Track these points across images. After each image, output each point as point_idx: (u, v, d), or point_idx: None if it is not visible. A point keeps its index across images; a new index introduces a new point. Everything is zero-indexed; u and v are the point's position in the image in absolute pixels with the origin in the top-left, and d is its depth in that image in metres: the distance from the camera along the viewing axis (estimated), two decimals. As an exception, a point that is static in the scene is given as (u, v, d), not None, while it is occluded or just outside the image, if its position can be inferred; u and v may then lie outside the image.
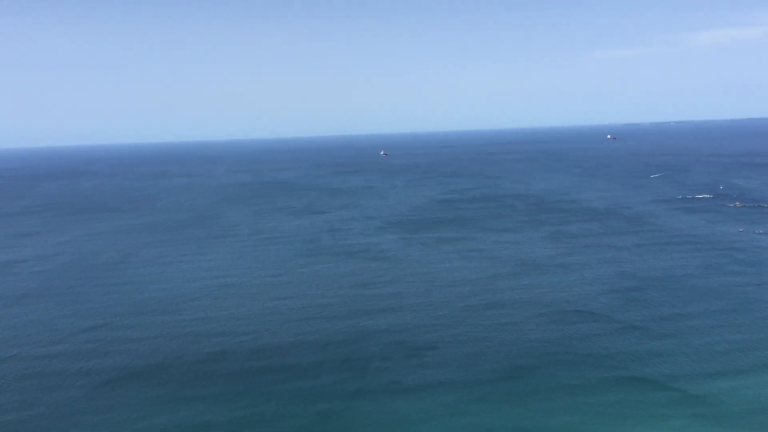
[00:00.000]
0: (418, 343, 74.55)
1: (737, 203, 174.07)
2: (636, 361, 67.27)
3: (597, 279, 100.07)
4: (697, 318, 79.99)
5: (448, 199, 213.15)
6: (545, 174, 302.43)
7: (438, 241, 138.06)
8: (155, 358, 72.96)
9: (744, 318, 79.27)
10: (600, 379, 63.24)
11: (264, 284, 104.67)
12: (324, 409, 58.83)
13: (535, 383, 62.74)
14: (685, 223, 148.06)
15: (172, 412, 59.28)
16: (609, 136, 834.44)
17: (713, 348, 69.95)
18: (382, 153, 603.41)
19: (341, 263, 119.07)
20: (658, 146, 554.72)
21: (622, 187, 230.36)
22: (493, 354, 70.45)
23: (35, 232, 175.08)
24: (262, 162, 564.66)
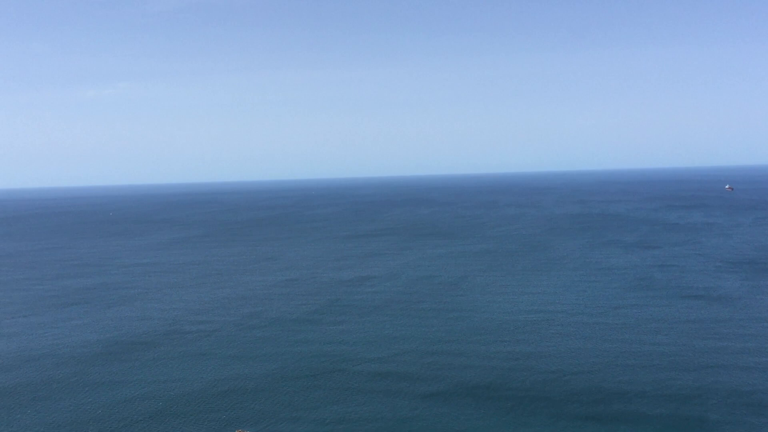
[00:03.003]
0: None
1: None
2: None
3: None
4: None
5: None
6: None
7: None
8: (482, 381, 76.38)
9: None
10: None
11: (591, 323, 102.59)
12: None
13: None
14: None
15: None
16: None
17: None
18: (727, 187, 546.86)
19: (675, 305, 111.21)
20: None
21: None
22: None
23: (383, 252, 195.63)
24: (591, 194, 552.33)
